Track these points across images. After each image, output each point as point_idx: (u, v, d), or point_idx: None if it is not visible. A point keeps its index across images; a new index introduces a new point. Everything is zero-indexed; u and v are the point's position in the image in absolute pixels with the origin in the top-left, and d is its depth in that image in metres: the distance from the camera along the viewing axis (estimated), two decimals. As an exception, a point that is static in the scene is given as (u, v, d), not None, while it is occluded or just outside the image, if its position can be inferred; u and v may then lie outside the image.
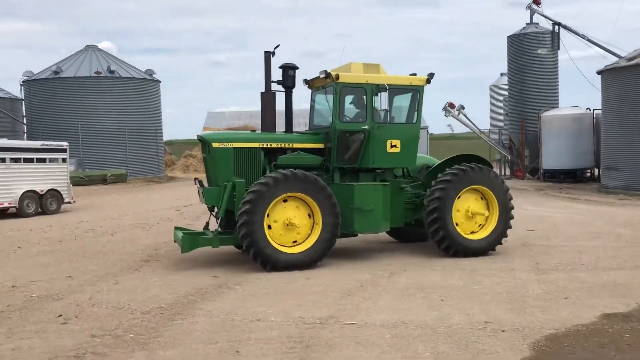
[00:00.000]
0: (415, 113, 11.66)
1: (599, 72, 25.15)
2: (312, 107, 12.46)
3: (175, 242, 11.18)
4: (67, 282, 9.48)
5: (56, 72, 37.84)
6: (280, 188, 10.00)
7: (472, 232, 11.36)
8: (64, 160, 21.61)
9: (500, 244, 11.62)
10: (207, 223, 11.42)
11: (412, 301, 8.07)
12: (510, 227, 11.67)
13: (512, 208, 11.67)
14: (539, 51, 30.03)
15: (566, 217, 17.06)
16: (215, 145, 10.85)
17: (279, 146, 11.21)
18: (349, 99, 11.54)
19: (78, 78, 37.62)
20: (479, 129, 31.36)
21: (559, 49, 30.27)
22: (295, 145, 11.32)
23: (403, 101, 11.73)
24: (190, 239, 10.36)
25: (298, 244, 10.30)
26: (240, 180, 10.51)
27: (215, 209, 11.34)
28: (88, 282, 9.48)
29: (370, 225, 10.77)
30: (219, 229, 10.97)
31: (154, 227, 16.15)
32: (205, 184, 11.59)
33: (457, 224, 11.05)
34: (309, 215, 10.32)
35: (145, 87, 40.25)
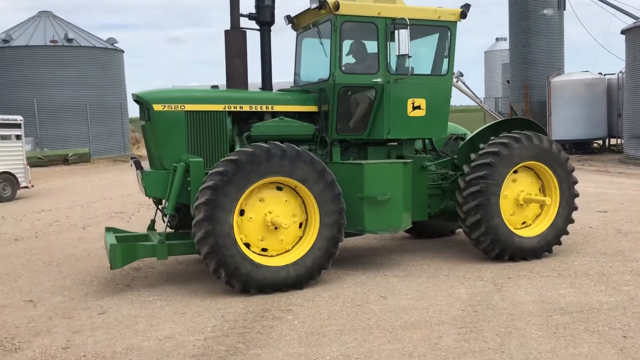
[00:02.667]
0: (446, 60, 8.55)
1: (623, 32, 23.27)
2: (297, 55, 9.26)
3: (105, 249, 8.11)
4: (27, 313, 6.68)
5: (5, 41, 34.07)
6: (258, 170, 6.88)
7: (523, 226, 8.59)
8: (18, 137, 18.48)
9: (559, 243, 8.69)
10: (153, 221, 8.48)
11: (575, 336, 5.56)
12: (572, 220, 8.77)
13: (577, 195, 8.80)
14: (545, 11, 27.73)
15: (624, 194, 14.67)
16: (157, 107, 7.48)
17: (253, 109, 7.96)
18: (353, 39, 8.44)
19: (31, 47, 34.02)
20: (479, 99, 28.97)
21: (565, 9, 28.14)
22: (277, 108, 8.08)
23: (428, 44, 8.67)
24: (122, 250, 7.13)
25: (282, 254, 7.25)
26: (197, 159, 7.36)
27: (163, 202, 8.16)
28: (59, 310, 6.73)
29: (386, 221, 7.64)
30: (167, 232, 7.62)
31: (135, 218, 13.45)
32: (146, 165, 8.18)
33: (504, 216, 8.22)
34: (304, 212, 7.30)
35: (108, 57, 36.86)
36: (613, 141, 28.24)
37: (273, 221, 7.06)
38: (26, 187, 18.38)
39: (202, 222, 6.74)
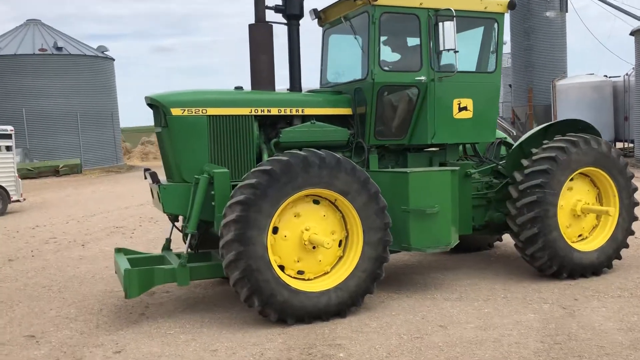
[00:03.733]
0: (493, 56, 7.69)
1: (632, 33, 22.71)
2: (324, 52, 8.29)
3: (116, 273, 7.10)
4: (30, 353, 5.70)
5: (-7, 50, 33.15)
6: (294, 181, 5.98)
7: (579, 239, 7.71)
8: (8, 148, 17.40)
9: (619, 257, 7.82)
10: (168, 240, 7.50)
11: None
12: (632, 232, 7.89)
13: (637, 204, 7.94)
14: (547, 14, 27.17)
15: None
16: (175, 112, 6.61)
17: (282, 112, 7.04)
18: (391, 33, 7.52)
19: (19, 56, 32.95)
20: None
21: (567, 11, 27.55)
22: (308, 111, 7.17)
23: (470, 38, 7.83)
24: (139, 276, 6.20)
25: (320, 276, 6.36)
26: (222, 170, 6.49)
27: (180, 219, 7.32)
28: (67, 348, 5.76)
29: (434, 237, 6.70)
30: (187, 253, 6.55)
31: (137, 233, 12.50)
32: (162, 177, 7.19)
33: (561, 228, 7.33)
34: (344, 228, 6.39)
35: (98, 65, 35.84)
36: (619, 145, 27.66)
37: (312, 240, 6.16)
38: (18, 200, 17.29)
39: (232, 243, 5.82)
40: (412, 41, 7.51)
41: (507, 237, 9.06)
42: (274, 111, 6.94)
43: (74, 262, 9.82)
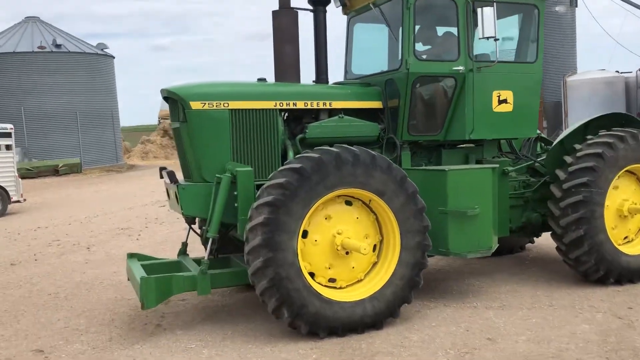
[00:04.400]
0: (534, 45, 7.16)
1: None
2: (349, 42, 7.73)
3: (129, 280, 6.55)
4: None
5: (-9, 47, 32.58)
6: (327, 180, 5.40)
7: (625, 241, 7.15)
8: (8, 147, 16.87)
9: None
10: (185, 245, 6.98)
11: None
12: None
13: None
14: (557, 9, 26.63)
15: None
16: (195, 105, 6.02)
17: (308, 106, 6.47)
18: (425, 20, 6.90)
19: (18, 54, 32.44)
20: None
21: (576, 5, 27.01)
22: (336, 105, 6.60)
23: (511, 26, 7.31)
24: (157, 285, 5.62)
25: (352, 284, 5.79)
26: (245, 168, 5.94)
27: (196, 221, 6.89)
28: None
29: (474, 241, 6.16)
30: (208, 259, 5.88)
31: (143, 235, 11.98)
32: (180, 176, 6.57)
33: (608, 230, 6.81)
34: (378, 232, 5.84)
35: (98, 63, 35.31)
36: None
37: (345, 245, 5.61)
38: (18, 201, 16.77)
39: (259, 249, 5.28)
40: (444, 30, 7.00)
41: (539, 239, 8.60)
42: (300, 105, 6.39)
43: (80, 266, 9.29)
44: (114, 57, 37.48)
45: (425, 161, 7.03)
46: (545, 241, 9.13)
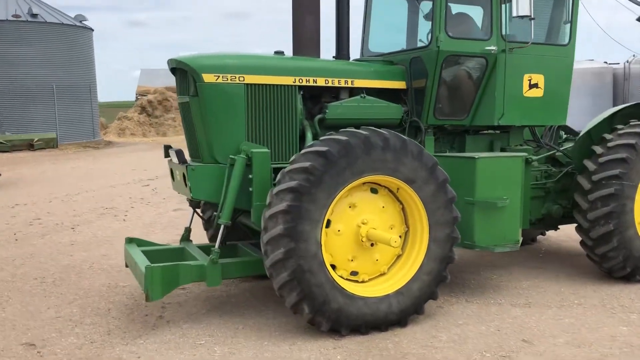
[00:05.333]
0: (566, 27, 6.70)
1: (638, 19, 22.08)
2: (367, 16, 7.24)
3: (127, 266, 6.06)
4: None
5: (-37, 15, 31.22)
6: (354, 166, 4.92)
7: None
8: (-16, 120, 16.25)
9: None
10: (188, 230, 6.40)
11: None
12: None
13: None
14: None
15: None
16: (208, 78, 5.46)
17: (329, 83, 5.95)
18: None
19: (-8, 22, 31.19)
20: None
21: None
22: (358, 83, 6.09)
23: (542, 5, 6.76)
24: (163, 274, 5.09)
25: (375, 278, 5.37)
26: (262, 149, 5.40)
27: (202, 204, 6.44)
28: None
29: (501, 234, 5.83)
30: (218, 247, 5.35)
31: (130, 215, 11.39)
32: (187, 156, 5.92)
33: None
34: (404, 222, 5.41)
35: (76, 35, 34.01)
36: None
37: (371, 236, 5.15)
38: (-7, 175, 16.10)
39: (280, 239, 4.80)
40: (459, 9, 6.54)
41: (551, 232, 8.28)
42: (321, 81, 5.88)
43: (66, 248, 8.70)
44: (92, 30, 36.25)
45: (448, 147, 6.60)
46: (554, 233, 8.85)
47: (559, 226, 7.35)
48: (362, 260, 5.28)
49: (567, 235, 8.83)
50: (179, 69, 5.70)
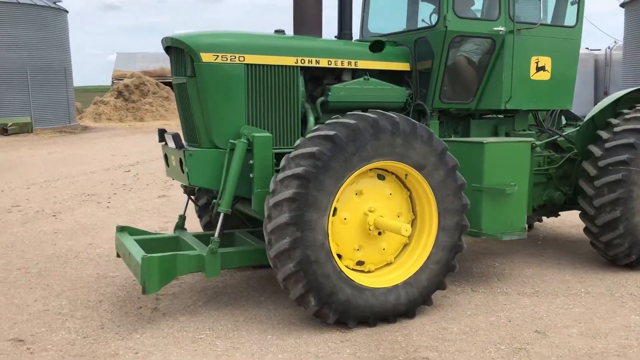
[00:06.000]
0: (573, 9, 6.49)
1: (622, 5, 22.12)
2: None
3: (119, 256, 5.76)
4: None
5: None
6: (363, 151, 4.67)
7: None
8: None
9: None
10: (182, 218, 6.13)
11: None
12: None
13: None
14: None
15: None
16: (206, 58, 5.12)
17: (332, 64, 5.66)
18: None
19: (-38, 2, 30.17)
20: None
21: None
22: (362, 65, 5.83)
23: None
24: (160, 265, 4.81)
25: (381, 268, 5.16)
26: (264, 134, 5.12)
27: (197, 190, 6.18)
28: (70, 358, 4.43)
29: (507, 221, 5.66)
30: (218, 236, 5.07)
31: (113, 202, 11.02)
32: (184, 140, 5.64)
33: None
34: (410, 210, 5.19)
35: (51, 17, 33.06)
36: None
37: (380, 224, 4.92)
38: (-33, 161, 15.56)
39: (286, 227, 4.55)
40: None
41: (545, 218, 8.17)
42: (323, 62, 5.59)
43: (49, 237, 8.36)
44: (67, 12, 35.34)
45: (452, 132, 6.39)
46: (548, 219, 8.75)
47: (560, 213, 7.27)
48: (369, 250, 5.06)
49: (561, 221, 8.75)
50: (174, 47, 5.38)
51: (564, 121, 7.62)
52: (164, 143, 5.71)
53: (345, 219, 4.91)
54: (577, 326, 4.94)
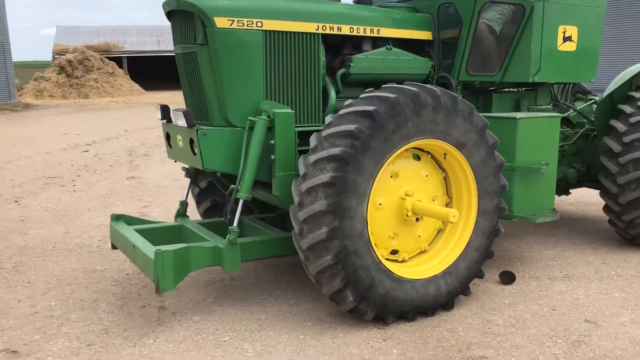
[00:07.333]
0: None
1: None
2: None
3: (114, 248, 5.20)
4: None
5: None
6: (404, 129, 4.17)
7: None
8: None
9: None
10: (184, 204, 5.46)
11: None
12: None
13: None
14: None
15: None
16: (220, 23, 4.49)
17: (354, 32, 5.08)
18: None
19: None
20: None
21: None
22: (384, 33, 5.28)
23: None
24: (175, 259, 4.22)
25: (415, 256, 4.73)
26: (285, 110, 4.59)
27: (195, 176, 5.54)
28: None
29: (538, 202, 5.28)
30: (236, 225, 4.49)
31: (80, 185, 10.17)
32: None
33: None
34: (445, 192, 4.77)
35: (-15, -14, 31.17)
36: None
37: (421, 209, 4.44)
38: None
39: (322, 216, 4.02)
40: None
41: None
42: (345, 30, 5.02)
43: (16, 225, 7.55)
44: (3, -19, 33.22)
45: (476, 106, 5.97)
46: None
47: (570, 191, 7.03)
48: (404, 237, 4.60)
49: (559, 199, 8.54)
50: (180, 11, 4.69)
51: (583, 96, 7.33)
52: (165, 121, 5.07)
53: (380, 204, 4.44)
54: (626, 313, 4.64)
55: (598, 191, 6.37)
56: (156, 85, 46.12)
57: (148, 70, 48.29)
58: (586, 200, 8.50)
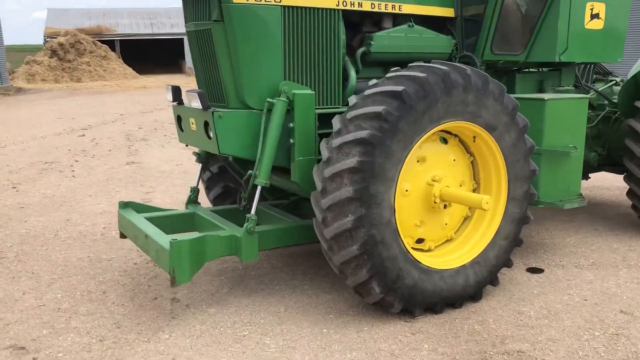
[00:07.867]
0: None
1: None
2: None
3: (123, 237, 4.95)
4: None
5: None
6: (434, 110, 3.92)
7: None
8: None
9: None
10: (195, 191, 5.19)
11: None
12: None
13: None
14: None
15: None
16: None
17: (375, 8, 4.79)
18: None
19: None
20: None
21: None
22: (407, 9, 4.98)
23: None
24: (191, 250, 3.99)
25: (440, 245, 4.50)
26: (305, 91, 4.36)
27: (206, 160, 5.26)
28: None
29: (564, 187, 5.08)
30: (254, 212, 4.23)
31: (78, 171, 9.88)
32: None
33: None
34: (472, 178, 4.56)
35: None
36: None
37: (449, 196, 4.21)
38: None
39: (349, 203, 3.78)
40: None
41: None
42: (366, 5, 4.74)
43: (17, 213, 7.29)
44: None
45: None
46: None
47: (590, 175, 6.83)
48: (430, 225, 4.38)
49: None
50: None
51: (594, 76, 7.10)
52: (176, 103, 4.81)
53: (406, 190, 4.21)
54: (661, 304, 4.49)
55: (613, 175, 6.18)
56: (150, 69, 45.61)
57: (141, 54, 47.72)
58: (601, 184, 8.31)
